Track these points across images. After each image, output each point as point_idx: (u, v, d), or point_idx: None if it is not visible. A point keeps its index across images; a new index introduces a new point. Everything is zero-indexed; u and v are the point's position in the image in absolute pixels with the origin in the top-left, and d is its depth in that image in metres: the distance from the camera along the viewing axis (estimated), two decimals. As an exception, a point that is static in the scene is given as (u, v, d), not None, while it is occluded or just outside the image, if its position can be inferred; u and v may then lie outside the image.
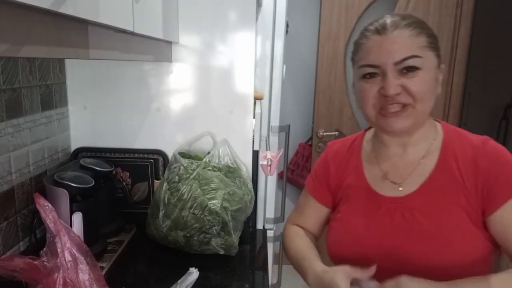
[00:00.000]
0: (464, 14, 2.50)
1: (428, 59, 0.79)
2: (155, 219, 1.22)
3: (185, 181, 1.19)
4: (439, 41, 0.83)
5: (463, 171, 0.81)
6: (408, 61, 0.77)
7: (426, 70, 0.78)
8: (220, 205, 1.16)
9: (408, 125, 0.81)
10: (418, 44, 0.78)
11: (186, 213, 1.16)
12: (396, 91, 0.78)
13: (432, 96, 0.81)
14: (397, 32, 0.78)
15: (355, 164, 0.94)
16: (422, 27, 0.80)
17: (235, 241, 1.19)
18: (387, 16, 0.82)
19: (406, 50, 0.77)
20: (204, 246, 1.18)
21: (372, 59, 0.80)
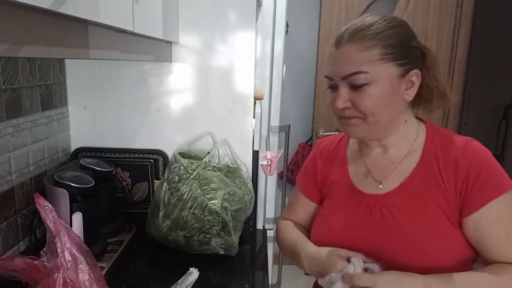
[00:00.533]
0: (464, 14, 2.50)
1: (380, 72, 0.78)
2: (155, 219, 1.22)
3: (185, 181, 1.19)
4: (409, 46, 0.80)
5: (444, 171, 0.81)
6: (353, 78, 0.78)
7: (377, 85, 0.78)
8: (220, 205, 1.16)
9: (362, 134, 0.84)
10: (367, 58, 0.77)
11: (186, 213, 1.16)
12: (344, 105, 0.80)
13: (387, 108, 0.80)
14: (347, 47, 0.79)
15: (340, 161, 0.96)
16: (379, 37, 0.78)
17: (235, 241, 1.19)
18: (356, 22, 0.82)
19: (351, 66, 0.78)
20: (204, 246, 1.18)
21: (328, 71, 0.83)
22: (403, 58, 0.79)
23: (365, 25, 0.80)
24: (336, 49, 0.81)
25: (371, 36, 0.78)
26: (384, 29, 0.79)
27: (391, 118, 0.83)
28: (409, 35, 0.82)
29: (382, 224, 0.84)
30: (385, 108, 0.80)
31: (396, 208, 0.83)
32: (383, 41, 0.78)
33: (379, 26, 0.79)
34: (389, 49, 0.78)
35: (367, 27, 0.79)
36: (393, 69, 0.78)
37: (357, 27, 0.80)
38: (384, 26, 0.79)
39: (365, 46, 0.77)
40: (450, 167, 0.81)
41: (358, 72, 0.77)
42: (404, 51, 0.79)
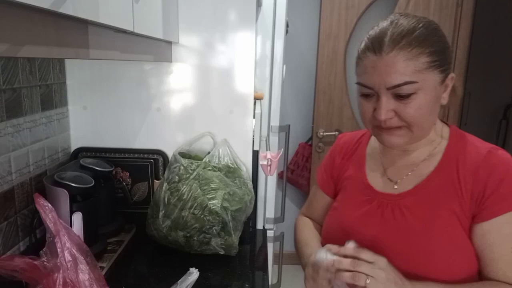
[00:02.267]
0: (464, 14, 2.50)
1: (427, 81, 0.75)
2: (155, 219, 1.22)
3: (185, 181, 1.19)
4: (448, 50, 0.78)
5: (462, 178, 0.79)
6: (401, 88, 0.74)
7: (424, 93, 0.75)
8: (220, 205, 1.16)
9: (402, 142, 0.81)
10: (415, 68, 0.73)
11: (186, 213, 1.16)
12: (388, 116, 0.77)
13: (430, 115, 0.79)
14: (392, 54, 0.73)
15: (359, 157, 0.96)
16: (424, 44, 0.74)
17: (235, 241, 1.19)
18: (391, 24, 0.77)
19: (400, 76, 0.73)
20: (204, 246, 1.18)
21: (367, 80, 0.77)
22: (445, 64, 0.77)
23: (407, 29, 0.75)
24: (377, 56, 0.75)
25: (417, 43, 0.74)
26: (428, 34, 0.75)
27: (431, 124, 0.82)
28: (446, 38, 0.79)
29: (392, 224, 0.83)
30: (429, 115, 0.78)
31: (408, 209, 0.82)
32: (430, 48, 0.74)
33: (422, 31, 0.75)
34: (435, 56, 0.75)
35: (410, 32, 0.74)
36: (438, 76, 0.76)
37: (399, 32, 0.75)
38: (426, 31, 0.75)
39: (412, 54, 0.73)
40: (469, 174, 0.78)
41: (408, 82, 0.73)
42: (445, 56, 0.77)
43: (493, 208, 0.75)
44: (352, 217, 0.89)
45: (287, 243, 1.85)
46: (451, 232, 0.78)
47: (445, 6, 2.48)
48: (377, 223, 0.84)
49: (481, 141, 0.84)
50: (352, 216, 0.89)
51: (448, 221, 0.78)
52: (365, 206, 0.88)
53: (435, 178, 0.82)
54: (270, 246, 1.54)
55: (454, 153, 0.82)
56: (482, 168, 0.77)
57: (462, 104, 2.79)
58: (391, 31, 0.75)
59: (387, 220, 0.83)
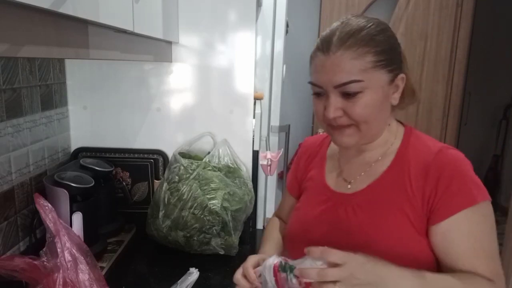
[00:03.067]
0: (464, 14, 2.50)
1: (373, 80, 0.76)
2: (155, 219, 1.22)
3: (185, 181, 1.19)
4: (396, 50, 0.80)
5: (413, 178, 0.79)
6: (347, 87, 0.75)
7: (370, 92, 0.76)
8: (220, 205, 1.16)
9: (353, 142, 0.81)
10: (360, 66, 0.75)
11: (186, 213, 1.16)
12: (336, 114, 0.78)
13: (379, 114, 0.80)
14: (339, 54, 0.75)
15: (320, 158, 0.98)
16: (370, 44, 0.76)
17: (235, 241, 1.19)
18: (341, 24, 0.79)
19: (345, 74, 0.75)
20: (204, 246, 1.18)
21: (316, 79, 0.80)
22: (392, 64, 0.78)
23: (355, 29, 0.77)
24: (325, 55, 0.77)
25: (364, 42, 0.75)
26: (375, 34, 0.77)
27: (381, 124, 0.83)
28: (395, 38, 0.81)
29: (346, 223, 0.83)
30: (377, 114, 0.79)
31: (360, 208, 0.83)
32: (376, 47, 0.76)
33: (369, 30, 0.77)
34: (381, 55, 0.76)
35: (357, 31, 0.76)
36: (385, 75, 0.77)
37: (347, 31, 0.77)
38: (374, 31, 0.77)
39: (358, 53, 0.75)
40: (420, 173, 0.78)
41: (353, 81, 0.75)
42: (393, 56, 0.79)
43: (447, 207, 0.75)
44: (310, 216, 0.90)
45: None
46: (401, 231, 0.78)
47: (445, 6, 2.48)
48: (332, 221, 0.85)
49: (434, 141, 0.84)
50: (310, 215, 0.91)
51: (399, 220, 0.78)
52: (322, 206, 0.89)
53: (387, 178, 0.82)
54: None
55: (406, 153, 0.83)
56: (432, 168, 0.77)
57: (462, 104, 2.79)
58: (339, 31, 0.77)
59: (340, 219, 0.84)
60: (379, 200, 0.81)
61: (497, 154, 3.90)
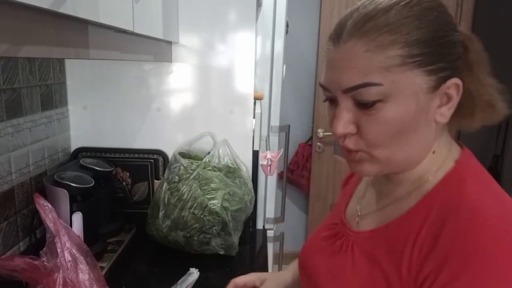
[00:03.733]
0: (464, 14, 2.50)
1: (401, 84, 0.51)
2: (155, 219, 1.22)
3: (185, 181, 1.19)
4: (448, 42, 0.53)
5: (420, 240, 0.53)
6: (359, 92, 0.52)
7: (396, 102, 0.52)
8: (220, 205, 1.16)
9: (373, 172, 0.57)
10: (380, 63, 0.50)
11: (186, 213, 1.16)
12: (347, 131, 0.54)
13: (407, 137, 0.54)
14: (350, 44, 0.52)
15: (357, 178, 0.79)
16: (400, 30, 0.50)
17: (235, 241, 1.19)
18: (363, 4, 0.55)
19: (356, 74, 0.51)
20: (204, 246, 1.18)
21: (324, 79, 0.57)
22: (437, 62, 0.52)
23: (379, 9, 0.52)
24: (335, 46, 0.54)
25: (388, 27, 0.50)
26: (408, 15, 0.51)
27: (413, 151, 0.56)
28: (447, 23, 0.54)
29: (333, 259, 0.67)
30: (405, 137, 0.54)
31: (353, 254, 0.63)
32: (407, 35, 0.50)
33: (400, 12, 0.51)
34: (416, 48, 0.51)
35: (381, 12, 0.51)
36: (421, 78, 0.52)
37: (367, 12, 0.52)
38: (408, 12, 0.51)
39: (377, 43, 0.50)
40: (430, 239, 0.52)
41: (367, 84, 0.51)
42: (439, 50, 0.52)
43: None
44: (313, 241, 0.76)
45: (287, 243, 1.85)
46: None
47: (445, 6, 2.48)
48: (327, 252, 0.70)
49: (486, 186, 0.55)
50: (314, 240, 0.76)
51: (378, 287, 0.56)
52: (327, 231, 0.73)
53: (394, 230, 0.58)
54: (270, 246, 1.54)
55: (433, 202, 0.55)
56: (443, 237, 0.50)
57: (462, 104, 2.78)
58: (358, 12, 0.54)
59: (331, 253, 0.68)
60: (372, 256, 0.59)
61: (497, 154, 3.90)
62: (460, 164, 0.57)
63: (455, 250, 0.48)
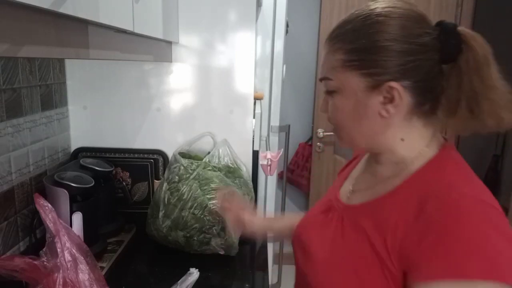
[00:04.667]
0: (464, 14, 2.50)
1: (344, 82, 0.66)
2: (155, 219, 1.22)
3: (185, 181, 1.19)
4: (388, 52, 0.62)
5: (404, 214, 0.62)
6: (324, 83, 0.70)
7: (342, 95, 0.67)
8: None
9: (341, 144, 0.75)
10: (330, 64, 0.68)
11: (186, 213, 1.16)
12: (322, 110, 0.73)
13: (355, 123, 0.68)
14: (325, 46, 0.70)
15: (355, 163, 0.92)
16: (346, 39, 0.65)
17: (235, 241, 1.19)
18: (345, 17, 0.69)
19: (323, 69, 0.70)
20: (204, 246, 1.18)
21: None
22: (372, 67, 0.63)
23: (345, 21, 0.68)
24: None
25: (340, 36, 0.67)
26: (356, 28, 0.65)
27: (364, 135, 0.69)
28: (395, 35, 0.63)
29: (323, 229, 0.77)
30: (351, 123, 0.69)
31: (343, 226, 0.73)
32: (349, 44, 0.65)
33: (355, 23, 0.66)
34: (354, 55, 0.64)
35: (344, 24, 0.67)
36: (357, 79, 0.65)
37: (339, 23, 0.69)
38: (360, 24, 0.65)
39: (332, 48, 0.67)
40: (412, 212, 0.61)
41: (324, 78, 0.70)
42: (375, 58, 0.63)
43: (429, 268, 0.56)
44: (310, 216, 0.87)
45: (287, 243, 1.85)
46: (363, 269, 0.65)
47: (445, 6, 2.48)
48: (322, 225, 0.79)
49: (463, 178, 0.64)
50: (310, 215, 0.88)
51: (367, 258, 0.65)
52: (323, 206, 0.84)
53: (380, 205, 0.68)
54: (270, 246, 1.54)
55: (417, 183, 0.65)
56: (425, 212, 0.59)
57: (462, 104, 2.79)
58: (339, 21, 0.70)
59: (328, 225, 0.77)
60: (360, 227, 0.69)
61: (497, 154, 3.89)
62: (441, 153, 0.68)
63: (435, 221, 0.57)
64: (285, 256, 1.79)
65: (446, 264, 0.55)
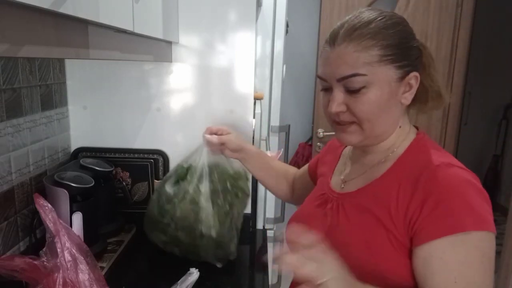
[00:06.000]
0: (464, 14, 2.50)
1: (378, 75, 0.72)
2: (151, 232, 1.19)
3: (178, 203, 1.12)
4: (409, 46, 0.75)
5: (402, 191, 0.73)
6: (350, 80, 0.73)
7: (375, 88, 0.73)
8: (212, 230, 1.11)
9: (355, 140, 0.79)
10: (365, 60, 0.72)
11: (180, 233, 1.13)
12: (339, 109, 0.76)
13: (384, 113, 0.76)
14: (343, 46, 0.73)
15: (334, 157, 0.98)
16: (378, 37, 0.72)
17: (232, 250, 1.16)
18: (352, 18, 0.76)
19: (348, 67, 0.73)
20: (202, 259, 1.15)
21: (322, 72, 0.78)
22: (402, 60, 0.74)
23: (363, 22, 0.74)
24: (331, 47, 0.75)
25: (370, 35, 0.72)
26: (384, 27, 0.74)
27: (387, 124, 0.78)
28: (408, 33, 0.77)
29: (327, 220, 0.83)
30: (382, 113, 0.75)
31: (344, 209, 0.81)
32: (383, 41, 0.73)
33: (378, 24, 0.74)
34: (389, 49, 0.73)
35: (365, 24, 0.74)
36: (392, 71, 0.74)
37: (354, 24, 0.74)
38: (383, 24, 0.74)
39: (363, 46, 0.72)
40: (409, 188, 0.72)
41: (355, 75, 0.72)
42: (404, 51, 0.74)
43: (430, 230, 0.67)
44: (305, 209, 0.92)
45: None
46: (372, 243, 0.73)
47: (445, 6, 2.48)
48: (320, 217, 0.85)
49: (442, 154, 0.76)
50: (306, 208, 0.92)
51: (376, 230, 0.73)
52: (318, 201, 0.89)
53: (378, 185, 0.78)
54: (270, 246, 1.53)
55: (407, 162, 0.77)
56: (422, 184, 0.70)
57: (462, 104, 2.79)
58: (348, 23, 0.75)
59: (326, 215, 0.84)
60: (362, 206, 0.78)
61: (497, 154, 3.90)
62: (419, 136, 0.81)
63: (431, 189, 0.69)
64: (285, 256, 1.79)
65: (445, 222, 0.66)
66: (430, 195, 0.68)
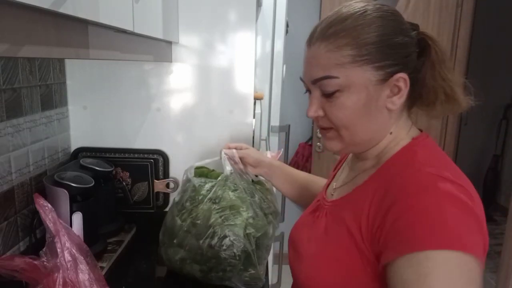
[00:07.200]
0: (464, 14, 2.50)
1: (353, 77, 0.65)
2: (166, 248, 1.04)
3: (200, 204, 1.00)
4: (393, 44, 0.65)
5: (375, 199, 0.64)
6: (322, 83, 0.67)
7: (350, 92, 0.65)
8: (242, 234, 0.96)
9: (337, 148, 0.72)
10: (336, 61, 0.65)
11: (202, 243, 0.97)
12: (316, 114, 0.71)
13: (363, 119, 0.67)
14: (317, 46, 0.67)
15: (341, 162, 0.95)
16: (352, 35, 0.64)
17: (261, 273, 1.00)
18: (331, 14, 0.70)
19: (320, 69, 0.66)
20: (225, 282, 1.00)
21: (302, 73, 0.73)
22: (382, 60, 0.65)
23: (340, 18, 0.67)
24: (307, 47, 0.70)
25: (344, 32, 0.65)
26: (361, 23, 0.65)
27: (370, 131, 0.69)
28: (395, 29, 0.66)
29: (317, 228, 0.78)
30: (360, 120, 0.67)
31: (327, 221, 0.76)
32: (357, 39, 0.64)
33: (355, 20, 0.65)
34: (364, 49, 0.64)
35: (340, 20, 0.66)
36: (370, 73, 0.65)
37: (331, 21, 0.68)
38: (362, 20, 0.65)
39: (335, 45, 0.65)
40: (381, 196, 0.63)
41: (327, 77, 0.66)
42: (385, 50, 0.65)
43: (392, 246, 0.59)
44: (302, 215, 0.91)
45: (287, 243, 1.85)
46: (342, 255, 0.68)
47: (445, 6, 2.48)
48: (308, 225, 0.83)
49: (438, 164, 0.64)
50: (303, 214, 0.91)
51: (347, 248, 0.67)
52: (312, 208, 0.87)
53: (356, 194, 0.72)
54: (270, 246, 1.53)
55: (387, 169, 0.69)
56: (390, 192, 0.62)
57: (462, 104, 2.80)
58: (325, 20, 0.69)
59: (314, 223, 0.81)
60: (340, 218, 0.71)
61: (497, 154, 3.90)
62: (414, 140, 0.71)
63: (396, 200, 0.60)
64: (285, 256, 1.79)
65: (404, 239, 0.57)
66: (395, 206, 0.59)
